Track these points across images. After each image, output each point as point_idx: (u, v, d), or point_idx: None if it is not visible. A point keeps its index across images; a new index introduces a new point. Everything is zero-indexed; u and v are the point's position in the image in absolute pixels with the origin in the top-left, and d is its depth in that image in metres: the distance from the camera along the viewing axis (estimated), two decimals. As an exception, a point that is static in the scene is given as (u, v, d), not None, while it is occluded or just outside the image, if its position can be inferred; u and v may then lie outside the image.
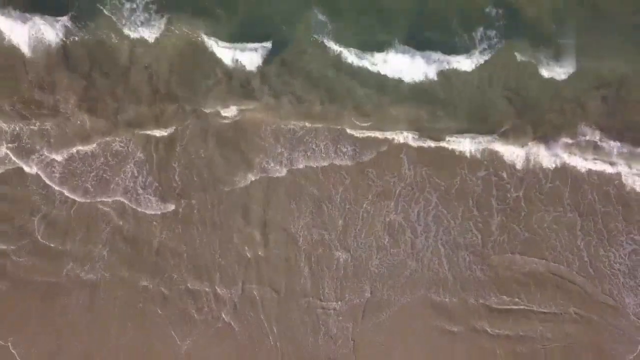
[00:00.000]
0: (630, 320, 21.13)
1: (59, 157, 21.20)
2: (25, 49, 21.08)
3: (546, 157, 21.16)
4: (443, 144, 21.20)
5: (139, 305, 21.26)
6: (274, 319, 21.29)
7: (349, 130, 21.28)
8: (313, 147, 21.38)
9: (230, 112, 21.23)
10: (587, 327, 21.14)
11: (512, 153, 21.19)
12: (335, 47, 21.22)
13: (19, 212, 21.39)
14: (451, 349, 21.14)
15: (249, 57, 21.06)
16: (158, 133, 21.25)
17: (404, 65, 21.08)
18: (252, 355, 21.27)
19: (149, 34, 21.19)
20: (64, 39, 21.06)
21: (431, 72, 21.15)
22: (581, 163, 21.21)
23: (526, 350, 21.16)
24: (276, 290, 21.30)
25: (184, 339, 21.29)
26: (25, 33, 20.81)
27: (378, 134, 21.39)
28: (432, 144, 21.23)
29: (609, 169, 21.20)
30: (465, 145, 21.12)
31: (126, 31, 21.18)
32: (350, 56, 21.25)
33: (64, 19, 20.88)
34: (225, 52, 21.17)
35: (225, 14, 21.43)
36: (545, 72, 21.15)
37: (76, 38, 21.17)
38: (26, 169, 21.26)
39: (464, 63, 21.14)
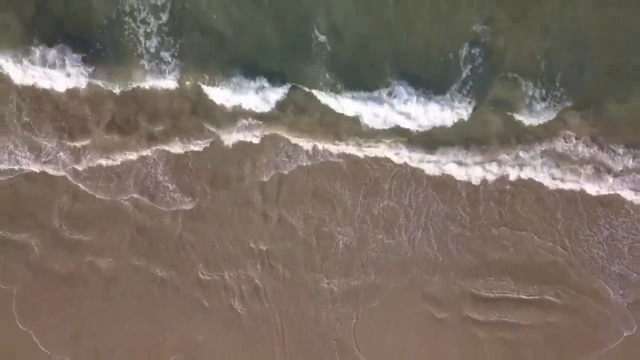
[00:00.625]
0: (613, 309, 22.58)
1: (82, 167, 22.98)
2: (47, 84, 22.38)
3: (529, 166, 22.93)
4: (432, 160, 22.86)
5: (153, 293, 22.93)
6: (279, 304, 22.97)
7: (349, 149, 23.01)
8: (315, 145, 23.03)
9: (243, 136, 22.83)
10: (570, 315, 22.54)
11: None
12: (332, 85, 22.37)
13: (42, 207, 22.99)
14: (439, 333, 22.75)
15: (252, 98, 22.39)
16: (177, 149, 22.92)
17: (395, 100, 22.23)
18: (259, 338, 22.99)
19: (166, 78, 22.40)
20: (88, 77, 22.22)
21: (421, 105, 22.27)
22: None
23: (510, 337, 22.61)
24: (283, 278, 22.96)
25: (195, 325, 22.93)
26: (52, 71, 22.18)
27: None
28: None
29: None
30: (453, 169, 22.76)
31: (146, 74, 22.34)
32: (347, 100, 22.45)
33: (89, 60, 22.04)
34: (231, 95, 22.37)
35: (232, 51, 22.38)
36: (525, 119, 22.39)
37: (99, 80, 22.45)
38: (52, 172, 22.93)
39: (451, 102, 22.27)
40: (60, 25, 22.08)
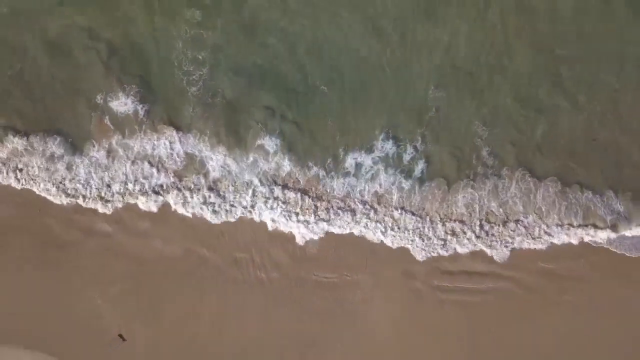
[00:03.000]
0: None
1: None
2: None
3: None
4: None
5: (198, 272, 30.31)
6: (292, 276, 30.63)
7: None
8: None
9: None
10: (511, 285, 30.54)
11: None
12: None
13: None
14: (415, 299, 30.34)
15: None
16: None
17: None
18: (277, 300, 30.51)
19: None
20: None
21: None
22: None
23: (465, 299, 30.18)
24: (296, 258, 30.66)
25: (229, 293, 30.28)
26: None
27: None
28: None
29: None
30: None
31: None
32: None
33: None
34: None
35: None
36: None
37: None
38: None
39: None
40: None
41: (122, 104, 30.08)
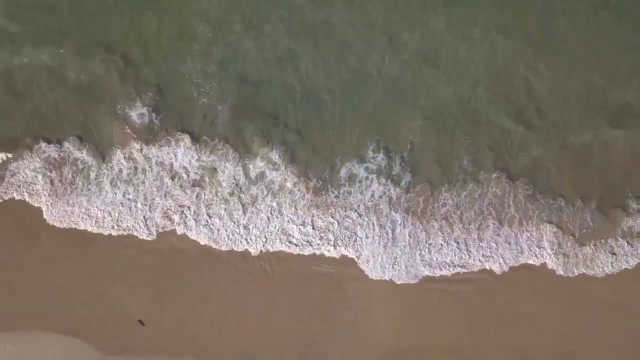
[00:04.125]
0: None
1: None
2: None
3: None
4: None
5: (203, 270, 31.35)
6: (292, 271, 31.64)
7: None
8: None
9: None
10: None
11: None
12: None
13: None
14: (407, 288, 31.19)
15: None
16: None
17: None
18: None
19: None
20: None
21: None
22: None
23: (450, 289, 31.08)
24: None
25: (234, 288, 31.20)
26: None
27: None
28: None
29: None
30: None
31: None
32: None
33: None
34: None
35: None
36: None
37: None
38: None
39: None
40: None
41: (140, 114, 32.34)
